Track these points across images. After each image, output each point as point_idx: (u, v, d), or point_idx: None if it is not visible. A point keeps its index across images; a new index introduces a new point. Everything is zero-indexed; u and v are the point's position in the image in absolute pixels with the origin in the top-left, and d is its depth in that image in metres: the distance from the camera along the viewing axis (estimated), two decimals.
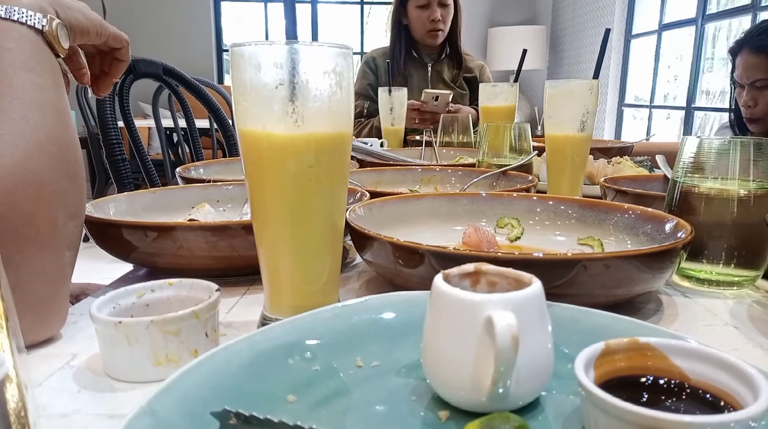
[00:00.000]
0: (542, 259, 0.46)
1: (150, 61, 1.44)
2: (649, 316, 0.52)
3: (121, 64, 0.61)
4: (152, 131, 4.40)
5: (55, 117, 0.47)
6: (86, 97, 3.31)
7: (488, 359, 0.30)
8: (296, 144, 0.41)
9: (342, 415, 0.33)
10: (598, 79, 0.87)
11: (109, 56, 0.60)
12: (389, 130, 1.59)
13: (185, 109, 1.74)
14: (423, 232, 0.66)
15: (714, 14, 3.19)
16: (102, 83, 0.62)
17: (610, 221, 0.64)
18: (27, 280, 0.43)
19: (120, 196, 0.72)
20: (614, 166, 1.05)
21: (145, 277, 0.63)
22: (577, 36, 4.37)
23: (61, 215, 0.46)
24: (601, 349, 0.31)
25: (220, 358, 0.34)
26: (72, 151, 0.48)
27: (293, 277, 0.45)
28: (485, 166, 0.98)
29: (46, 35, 0.48)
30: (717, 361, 0.30)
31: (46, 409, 0.36)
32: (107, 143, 1.32)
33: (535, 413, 0.33)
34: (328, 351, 0.37)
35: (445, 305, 0.32)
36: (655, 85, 3.73)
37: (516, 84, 1.42)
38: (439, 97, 1.71)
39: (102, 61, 0.61)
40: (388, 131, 1.59)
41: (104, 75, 0.61)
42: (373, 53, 2.09)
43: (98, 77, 0.61)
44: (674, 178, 0.61)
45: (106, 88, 0.62)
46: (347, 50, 0.42)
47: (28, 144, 0.44)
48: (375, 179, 0.95)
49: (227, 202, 0.79)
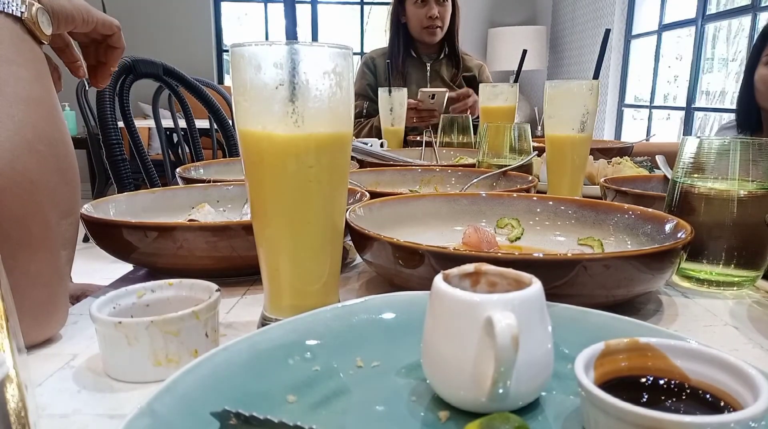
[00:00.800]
0: (542, 259, 0.46)
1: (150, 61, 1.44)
2: (649, 316, 0.52)
3: (116, 51, 0.59)
4: (152, 131, 4.40)
5: (42, 111, 0.45)
6: (86, 97, 3.31)
7: (488, 359, 0.30)
8: (296, 144, 0.41)
9: (342, 415, 0.33)
10: (598, 80, 0.87)
11: (103, 45, 0.58)
12: (389, 130, 1.59)
13: (185, 109, 1.74)
14: (423, 232, 0.66)
15: (714, 14, 3.19)
16: (99, 74, 0.60)
17: (610, 221, 0.64)
18: (23, 284, 0.42)
19: (120, 197, 0.72)
20: (614, 166, 1.05)
21: (145, 278, 0.63)
22: (577, 36, 4.37)
23: (53, 215, 0.44)
24: (601, 350, 0.31)
25: (220, 358, 0.34)
26: (61, 145, 0.46)
27: (293, 277, 0.45)
28: (485, 166, 0.98)
29: (26, 23, 0.45)
30: (717, 361, 0.30)
31: (46, 409, 0.36)
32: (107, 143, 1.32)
33: (535, 413, 0.33)
34: (328, 351, 0.37)
35: (445, 305, 0.32)
36: (655, 85, 3.73)
37: (516, 84, 1.42)
38: (436, 95, 1.71)
39: (97, 51, 0.59)
40: (388, 131, 1.59)
41: (101, 65, 0.59)
42: (372, 54, 2.10)
43: (95, 68, 0.60)
44: (674, 178, 0.61)
45: (104, 78, 0.60)
46: (347, 50, 0.42)
47: (14, 144, 0.42)
48: (375, 179, 0.95)
49: (227, 202, 0.79)
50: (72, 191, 0.47)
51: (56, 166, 0.45)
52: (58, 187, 0.45)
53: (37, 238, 0.43)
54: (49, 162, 0.45)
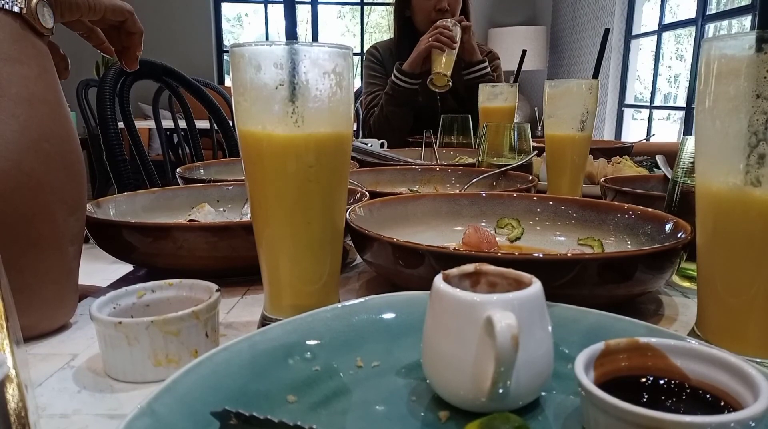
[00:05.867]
0: (542, 259, 0.46)
1: (150, 62, 1.44)
2: (649, 316, 0.52)
3: (134, 36, 0.59)
4: (152, 132, 4.40)
5: (46, 109, 0.45)
6: (87, 97, 3.31)
7: (488, 359, 0.30)
8: (296, 144, 0.41)
9: (342, 415, 0.33)
10: (598, 79, 0.87)
11: (122, 31, 0.58)
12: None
13: (185, 110, 1.74)
14: (423, 232, 0.66)
15: (714, 14, 3.19)
16: (126, 58, 0.61)
17: (610, 221, 0.64)
18: (32, 283, 0.43)
19: (120, 197, 0.72)
20: (614, 166, 1.05)
21: (145, 278, 0.63)
22: (577, 36, 4.37)
23: (60, 213, 0.45)
24: (601, 349, 0.31)
25: (220, 358, 0.34)
26: (67, 142, 0.46)
27: (293, 277, 0.45)
28: (485, 166, 0.98)
29: (25, 18, 0.44)
30: (717, 361, 0.30)
31: (46, 409, 0.36)
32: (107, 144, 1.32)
33: (535, 413, 0.33)
34: (328, 351, 0.37)
35: (445, 305, 0.32)
36: (655, 85, 3.73)
37: (516, 84, 1.42)
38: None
39: (119, 36, 0.59)
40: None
41: (125, 50, 0.60)
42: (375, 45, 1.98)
43: (121, 53, 0.60)
44: (674, 178, 0.61)
45: (131, 61, 0.61)
46: (347, 50, 0.42)
47: (20, 145, 0.42)
48: (375, 179, 0.95)
49: (227, 202, 0.79)
50: (78, 187, 0.47)
51: (62, 164, 0.45)
52: (64, 184, 0.45)
53: (45, 237, 0.44)
54: (55, 160, 0.45)
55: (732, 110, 0.37)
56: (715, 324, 0.41)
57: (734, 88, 0.36)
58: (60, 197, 0.45)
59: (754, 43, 0.36)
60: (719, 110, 0.38)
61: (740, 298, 0.39)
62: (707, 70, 0.38)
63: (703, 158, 0.41)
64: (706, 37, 3.19)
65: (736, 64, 0.36)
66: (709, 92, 0.38)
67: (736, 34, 0.37)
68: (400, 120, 1.80)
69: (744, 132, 0.36)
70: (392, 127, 1.81)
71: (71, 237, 0.46)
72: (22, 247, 0.42)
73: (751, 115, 0.36)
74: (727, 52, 0.37)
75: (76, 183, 0.47)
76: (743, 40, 0.36)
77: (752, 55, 0.36)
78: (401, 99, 1.76)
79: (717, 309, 0.41)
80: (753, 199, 0.37)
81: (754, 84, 0.36)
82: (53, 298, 0.45)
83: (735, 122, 0.37)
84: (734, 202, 0.38)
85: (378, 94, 1.88)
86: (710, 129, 0.38)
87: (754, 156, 0.36)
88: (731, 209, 0.38)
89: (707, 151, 0.40)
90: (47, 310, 0.45)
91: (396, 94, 1.75)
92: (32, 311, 0.44)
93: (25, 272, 0.42)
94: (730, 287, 0.39)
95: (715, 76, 0.38)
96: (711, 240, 0.41)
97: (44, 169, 0.44)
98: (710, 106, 0.38)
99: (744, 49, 0.36)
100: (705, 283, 0.42)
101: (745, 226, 0.38)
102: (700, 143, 0.40)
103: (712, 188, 0.39)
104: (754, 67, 0.35)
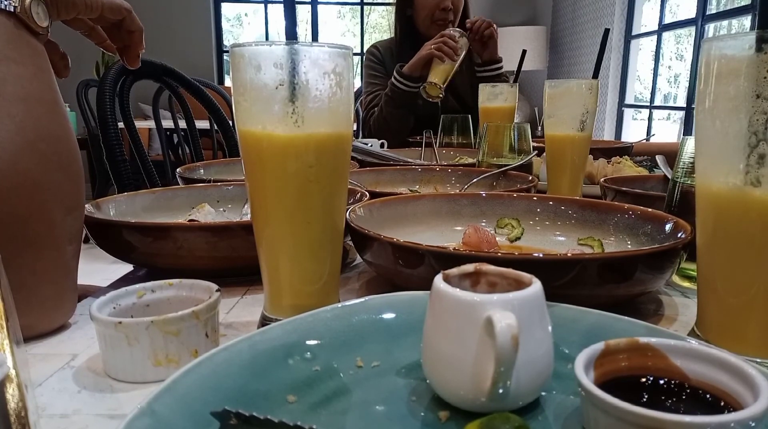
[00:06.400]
0: (542, 259, 0.46)
1: (150, 62, 1.44)
2: (649, 316, 0.52)
3: (134, 34, 0.59)
4: (152, 132, 4.40)
5: (42, 109, 0.45)
6: (86, 97, 3.31)
7: (488, 359, 0.30)
8: (296, 144, 0.41)
9: (342, 415, 0.33)
10: (598, 79, 0.87)
11: (122, 29, 0.58)
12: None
13: (185, 110, 1.74)
14: (423, 232, 0.66)
15: (714, 14, 3.19)
16: (127, 56, 0.60)
17: (610, 221, 0.64)
18: (30, 282, 0.43)
19: (120, 197, 0.72)
20: (614, 166, 1.05)
21: (145, 278, 0.63)
22: (577, 36, 4.37)
23: (58, 212, 0.45)
24: (601, 349, 0.31)
25: (220, 358, 0.34)
26: (63, 141, 0.46)
27: (293, 277, 0.45)
28: (485, 166, 0.98)
29: (20, 17, 0.44)
30: (717, 361, 0.30)
31: (46, 409, 0.36)
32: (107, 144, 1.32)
33: (535, 413, 0.33)
34: (328, 351, 0.37)
35: (445, 305, 0.32)
36: (655, 85, 3.73)
37: (516, 84, 1.42)
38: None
39: (119, 34, 0.59)
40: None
41: (126, 48, 0.60)
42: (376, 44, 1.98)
43: (122, 51, 0.60)
44: (674, 178, 0.61)
45: (133, 59, 0.61)
46: (347, 51, 0.42)
47: (16, 144, 0.42)
48: (375, 179, 0.95)
49: (227, 202, 0.79)
50: (76, 186, 0.47)
51: (59, 163, 0.45)
52: (61, 184, 0.45)
53: (42, 236, 0.44)
54: (51, 160, 0.44)
55: (732, 110, 0.37)
56: (715, 324, 0.41)
57: (734, 88, 0.37)
58: (57, 196, 0.45)
59: (754, 43, 0.36)
60: (719, 110, 0.38)
61: (740, 298, 0.39)
62: (707, 70, 0.38)
63: (703, 158, 0.41)
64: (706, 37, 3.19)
65: (736, 64, 0.36)
66: (709, 92, 0.38)
67: (736, 34, 0.37)
68: (399, 122, 1.80)
69: (744, 132, 0.36)
70: (391, 129, 1.81)
71: (69, 236, 0.46)
72: (19, 247, 0.42)
73: (751, 115, 0.36)
74: (727, 52, 0.37)
75: (73, 182, 0.47)
76: (743, 40, 0.36)
77: (752, 55, 0.36)
78: (400, 101, 1.76)
79: (717, 309, 0.41)
80: (753, 199, 0.37)
81: (754, 84, 0.36)
82: (52, 297, 0.45)
83: (735, 122, 0.37)
84: (734, 202, 0.38)
85: (378, 94, 1.87)
86: (710, 129, 0.38)
87: (754, 156, 0.36)
88: (731, 209, 0.38)
89: (707, 151, 0.40)
90: (46, 310, 0.45)
91: (395, 96, 1.75)
92: (30, 311, 0.44)
93: (22, 272, 0.42)
94: (730, 287, 0.39)
95: (715, 76, 0.38)
96: (711, 240, 0.41)
97: (41, 168, 0.43)
98: (710, 106, 0.38)
99: (744, 49, 0.36)
100: (705, 283, 0.42)
101: (745, 226, 0.38)
102: (700, 143, 0.40)
103: (712, 188, 0.39)
104: (754, 67, 0.35)
